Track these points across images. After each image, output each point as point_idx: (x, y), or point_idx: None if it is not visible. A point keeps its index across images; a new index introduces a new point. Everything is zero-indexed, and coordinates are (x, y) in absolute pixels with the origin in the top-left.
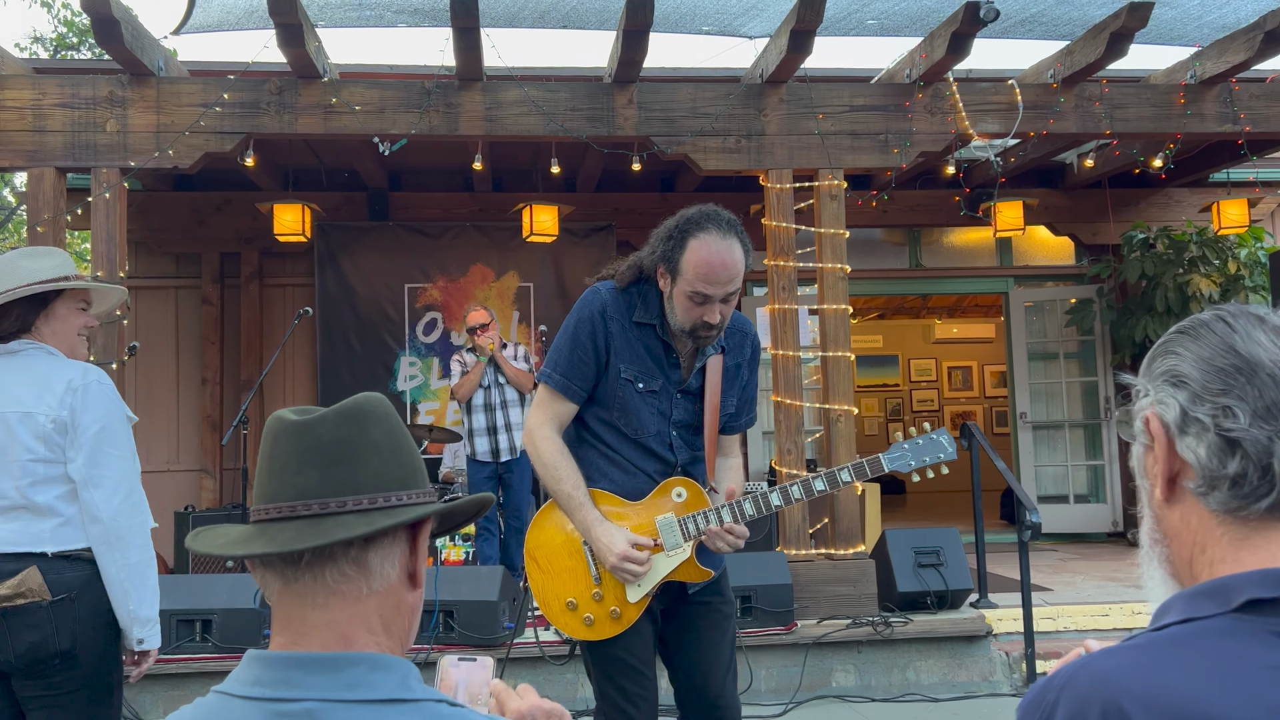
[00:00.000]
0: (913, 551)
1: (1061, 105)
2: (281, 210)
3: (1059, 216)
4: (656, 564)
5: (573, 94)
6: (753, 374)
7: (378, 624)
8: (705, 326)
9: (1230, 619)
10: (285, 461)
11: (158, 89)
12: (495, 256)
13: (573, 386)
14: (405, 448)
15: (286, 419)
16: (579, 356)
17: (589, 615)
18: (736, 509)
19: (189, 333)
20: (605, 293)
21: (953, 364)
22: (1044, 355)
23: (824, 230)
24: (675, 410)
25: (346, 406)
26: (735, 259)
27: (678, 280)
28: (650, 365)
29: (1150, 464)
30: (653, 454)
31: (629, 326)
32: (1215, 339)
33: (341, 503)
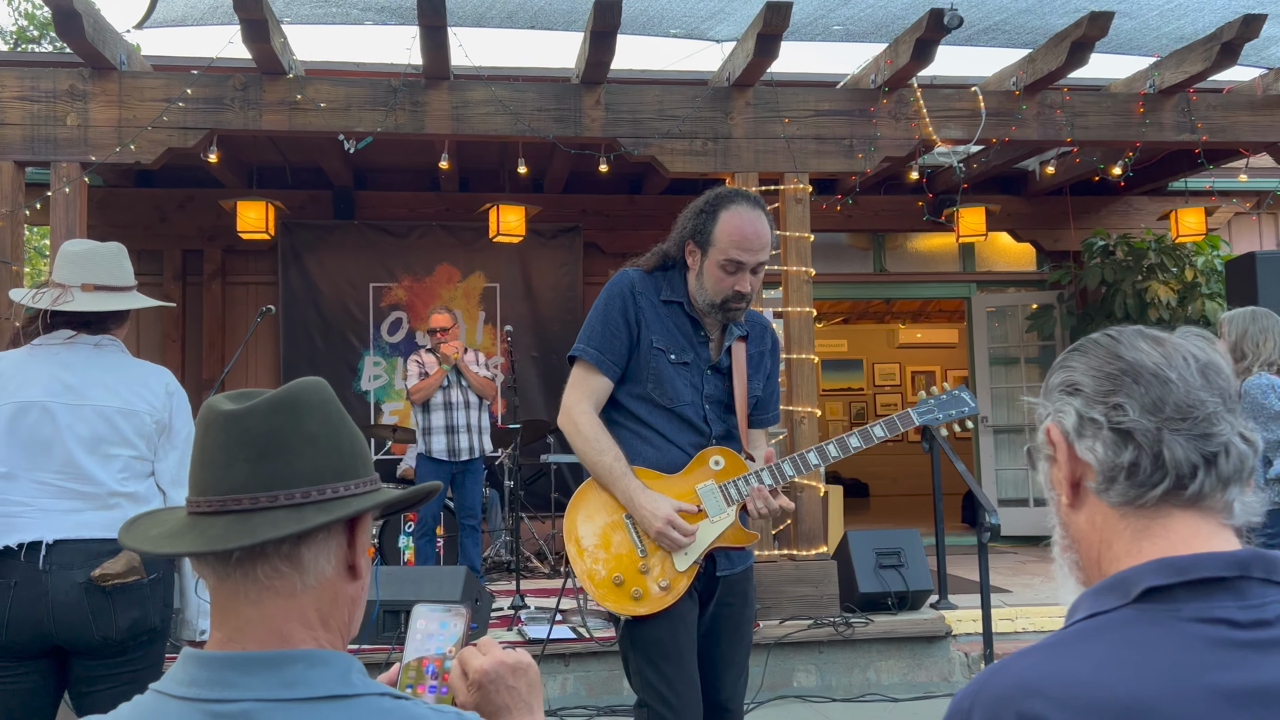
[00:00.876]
0: (874, 552)
1: (1023, 112)
2: (245, 208)
3: (1021, 223)
4: (701, 531)
5: (540, 94)
6: (775, 366)
7: (315, 618)
8: (737, 297)
9: (1131, 609)
10: (215, 454)
11: (120, 83)
12: (461, 256)
13: (606, 361)
14: (344, 436)
15: (217, 409)
16: (611, 331)
17: (637, 589)
18: (776, 471)
19: (150, 330)
20: (633, 273)
21: (916, 368)
22: (1005, 360)
23: (789, 233)
24: (707, 385)
25: (279, 396)
26: (765, 229)
27: (709, 251)
28: (680, 339)
29: (1055, 474)
30: (688, 424)
31: (657, 304)
32: (1103, 351)
33: (273, 497)
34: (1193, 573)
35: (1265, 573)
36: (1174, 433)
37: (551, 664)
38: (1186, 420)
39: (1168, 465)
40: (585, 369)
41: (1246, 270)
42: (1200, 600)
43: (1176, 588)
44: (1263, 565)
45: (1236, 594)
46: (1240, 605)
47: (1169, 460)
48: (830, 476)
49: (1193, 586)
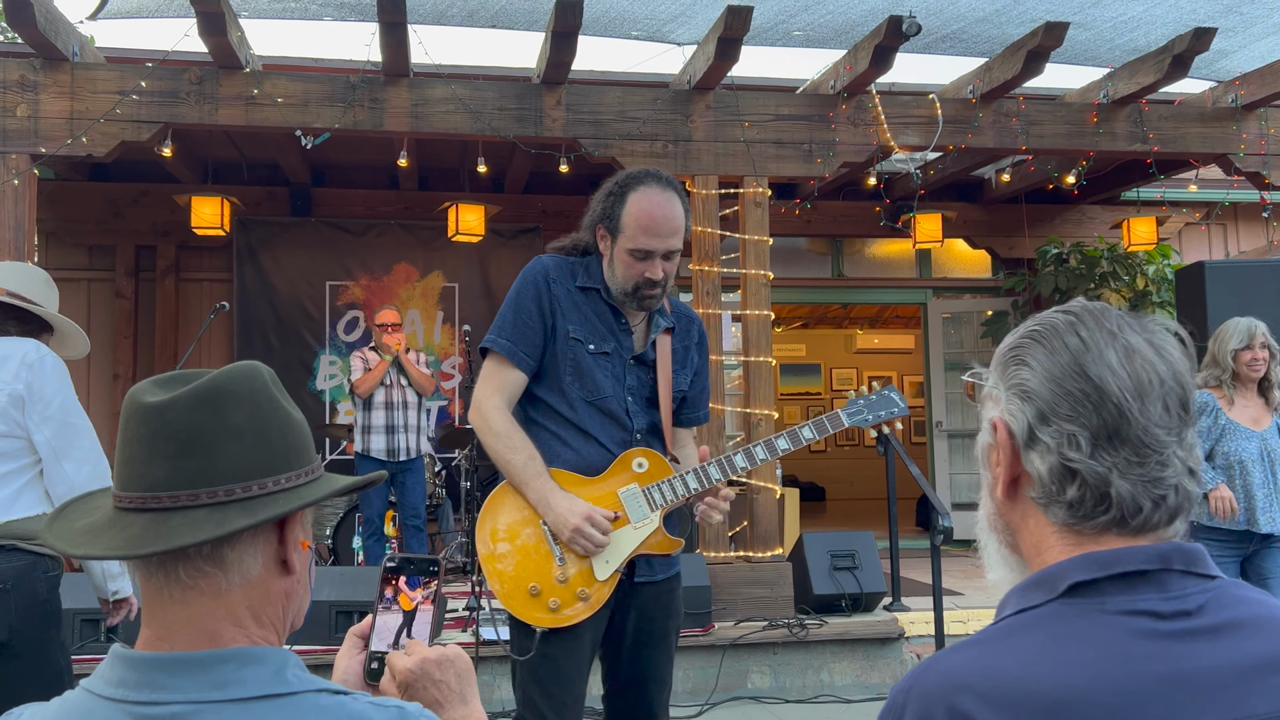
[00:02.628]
0: (829, 555)
1: (980, 120)
2: (200, 203)
3: (977, 230)
4: (622, 538)
5: (501, 93)
6: (703, 361)
7: (246, 615)
8: (648, 284)
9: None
10: (136, 449)
11: (72, 74)
12: (420, 256)
13: (519, 352)
14: (273, 428)
15: (138, 400)
16: (524, 321)
17: (554, 600)
18: (701, 475)
19: (102, 327)
20: (549, 261)
21: (874, 374)
22: (961, 366)
23: (748, 237)
24: (629, 377)
25: (202, 388)
26: (677, 213)
27: (618, 237)
28: (600, 328)
29: (993, 460)
30: (611, 418)
31: (574, 291)
32: (1067, 356)
33: (194, 495)
34: (1116, 566)
35: (1185, 565)
36: (1123, 475)
37: (505, 665)
38: (1140, 463)
39: (1113, 503)
40: (497, 361)
41: (1196, 279)
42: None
43: (1101, 582)
44: (1183, 558)
45: (1159, 586)
46: (1163, 597)
47: (1114, 499)
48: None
49: (1117, 580)
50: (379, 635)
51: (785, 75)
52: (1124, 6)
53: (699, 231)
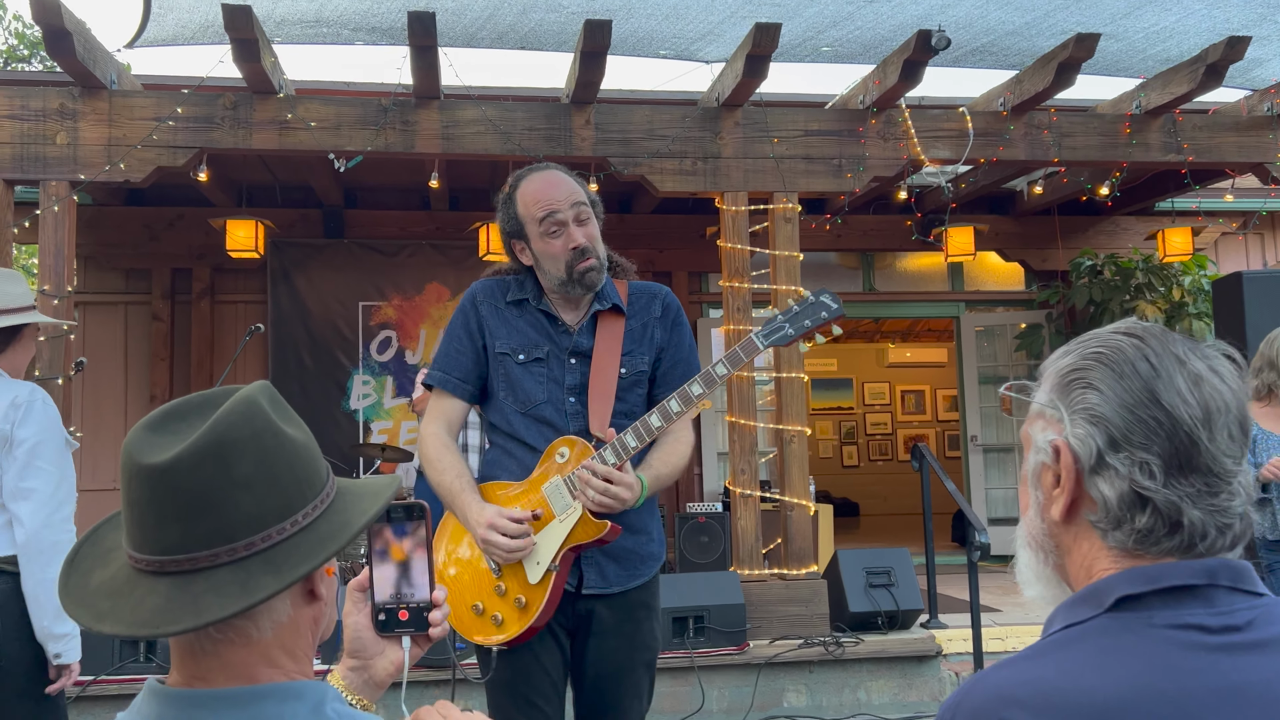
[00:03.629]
0: (864, 572)
1: (1011, 133)
2: (235, 226)
3: (1009, 243)
4: (549, 534)
5: (530, 114)
6: (673, 335)
7: (280, 654)
8: (578, 256)
9: (1105, 618)
10: (144, 511)
11: (110, 102)
12: (451, 275)
13: (450, 379)
14: (281, 467)
15: (137, 461)
16: (455, 349)
17: (497, 614)
18: (619, 447)
19: (138, 349)
20: (478, 284)
21: (906, 388)
22: (995, 379)
23: (778, 252)
24: (569, 375)
25: (204, 443)
26: (562, 177)
27: (527, 232)
28: (532, 336)
29: (1049, 482)
30: (549, 424)
31: (503, 307)
32: (1139, 383)
33: (212, 555)
34: (1163, 581)
35: (1232, 581)
36: (1195, 504)
37: None
38: (1211, 493)
39: (1184, 532)
40: (435, 394)
41: (1233, 290)
42: (1172, 608)
43: (1148, 596)
44: (1230, 574)
45: (1206, 601)
46: (1210, 612)
47: (1186, 527)
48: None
49: (1164, 595)
50: (379, 587)
51: (814, 91)
52: (1156, 16)
53: (729, 248)
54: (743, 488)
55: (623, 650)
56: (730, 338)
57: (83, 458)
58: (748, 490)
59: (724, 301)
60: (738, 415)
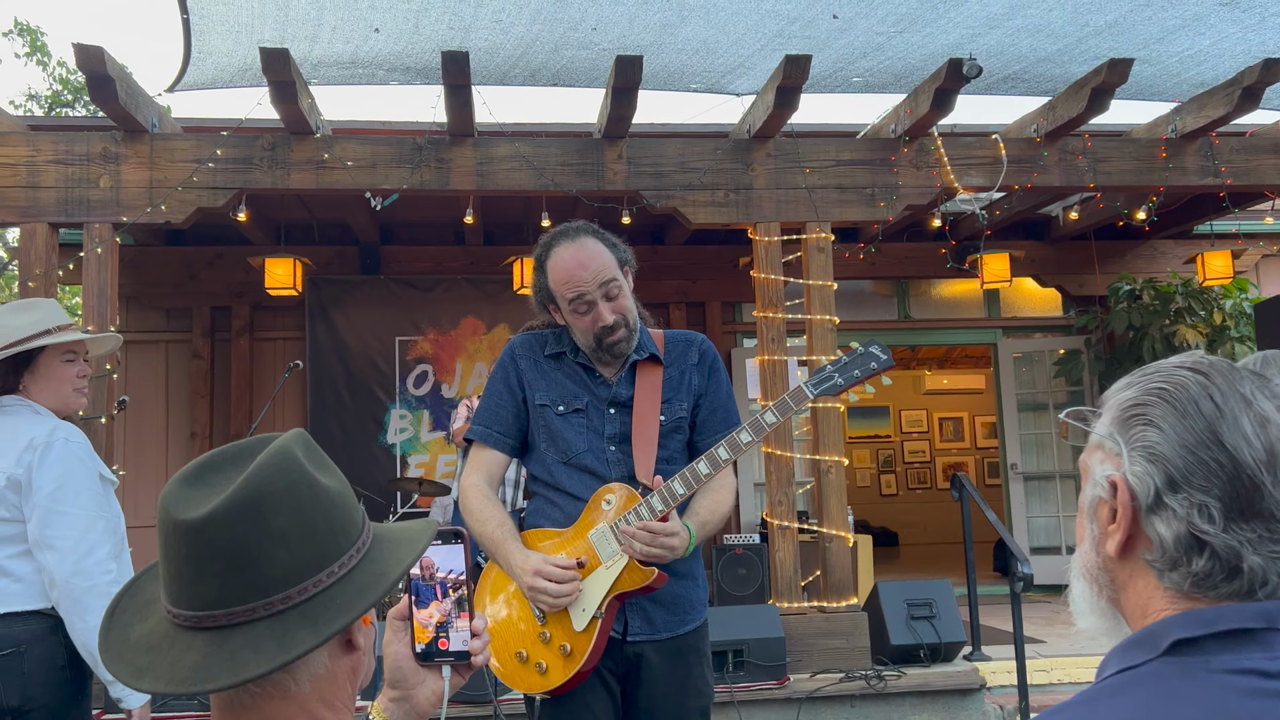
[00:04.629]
0: (905, 604)
1: (1045, 159)
2: (273, 264)
3: (1046, 268)
4: (596, 581)
5: (563, 149)
6: (713, 381)
7: (318, 706)
8: (606, 331)
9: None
10: (181, 566)
11: (151, 145)
12: (486, 309)
13: (492, 433)
14: (318, 518)
15: (174, 517)
16: (494, 402)
17: (540, 662)
18: (666, 494)
19: (179, 386)
20: (516, 339)
21: (944, 415)
22: (1033, 406)
23: (812, 282)
24: (609, 425)
25: (239, 498)
26: (591, 253)
27: (558, 303)
28: (571, 388)
29: (1105, 516)
30: (591, 474)
31: (541, 361)
32: (1201, 423)
33: (250, 610)
34: (1219, 624)
35: None
36: (1256, 550)
37: None
38: (1274, 539)
39: (1244, 577)
40: (476, 446)
41: (1276, 313)
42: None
43: (1204, 640)
44: None
45: (1264, 645)
46: (1268, 656)
47: (1245, 572)
48: (859, 525)
49: (1221, 638)
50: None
51: (845, 120)
52: (1190, 41)
53: (762, 278)
54: (780, 519)
55: (675, 697)
56: (765, 368)
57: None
58: (785, 521)
59: (758, 332)
60: (774, 446)
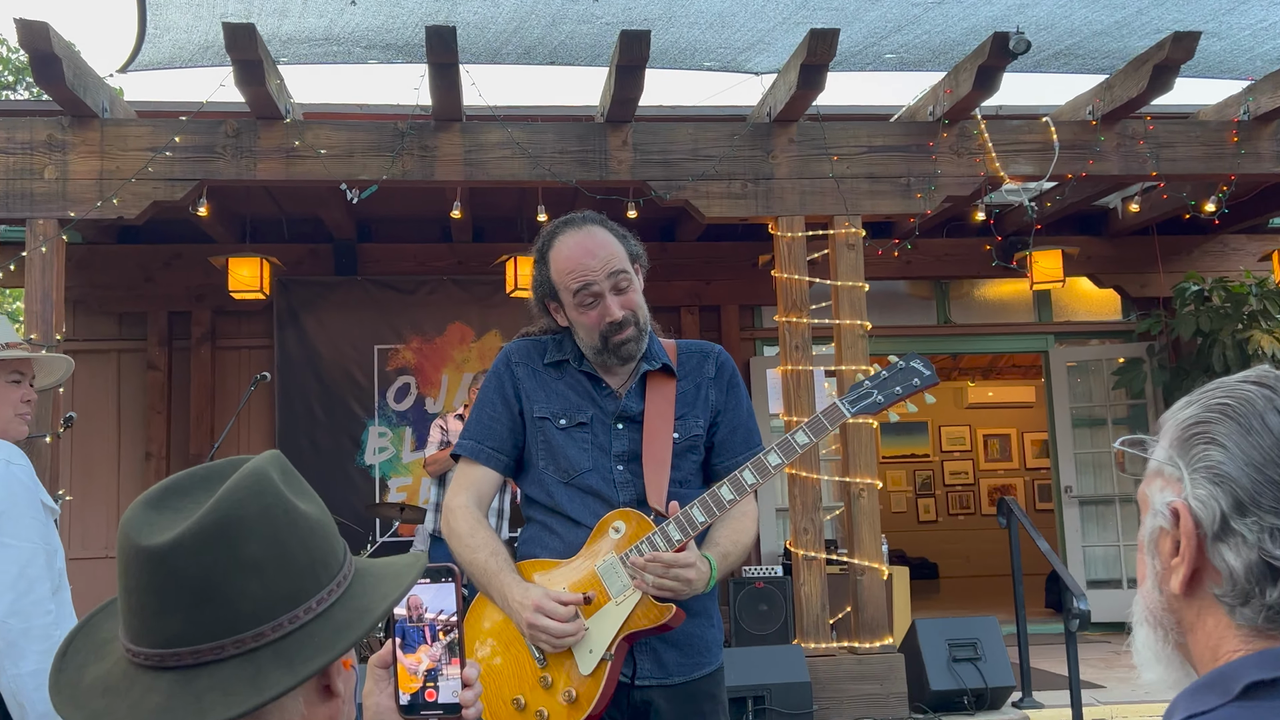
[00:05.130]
0: (947, 644)
1: (1102, 144)
2: (237, 264)
3: (1103, 267)
4: (605, 619)
5: (561, 135)
6: (730, 398)
7: None
8: (614, 328)
9: (1233, 708)
10: (143, 599)
11: (102, 132)
12: (475, 314)
13: (484, 448)
14: (295, 546)
15: (135, 543)
16: (486, 414)
17: (541, 709)
18: (684, 521)
19: (132, 401)
20: (512, 346)
21: (989, 431)
22: (1090, 421)
23: (840, 283)
24: (616, 442)
25: (209, 523)
26: (600, 241)
27: (562, 298)
28: (573, 399)
29: (1167, 549)
30: (596, 495)
31: (540, 370)
32: (1269, 440)
33: (218, 648)
34: None
35: None
36: None
37: None
38: None
39: None
40: (465, 463)
41: None
42: None
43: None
44: None
45: None
46: None
47: None
48: (894, 556)
49: None
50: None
51: (877, 102)
52: (1264, 11)
53: (785, 279)
54: (806, 549)
55: None
56: (787, 380)
57: (71, 524)
58: (812, 552)
59: (780, 339)
60: (799, 467)
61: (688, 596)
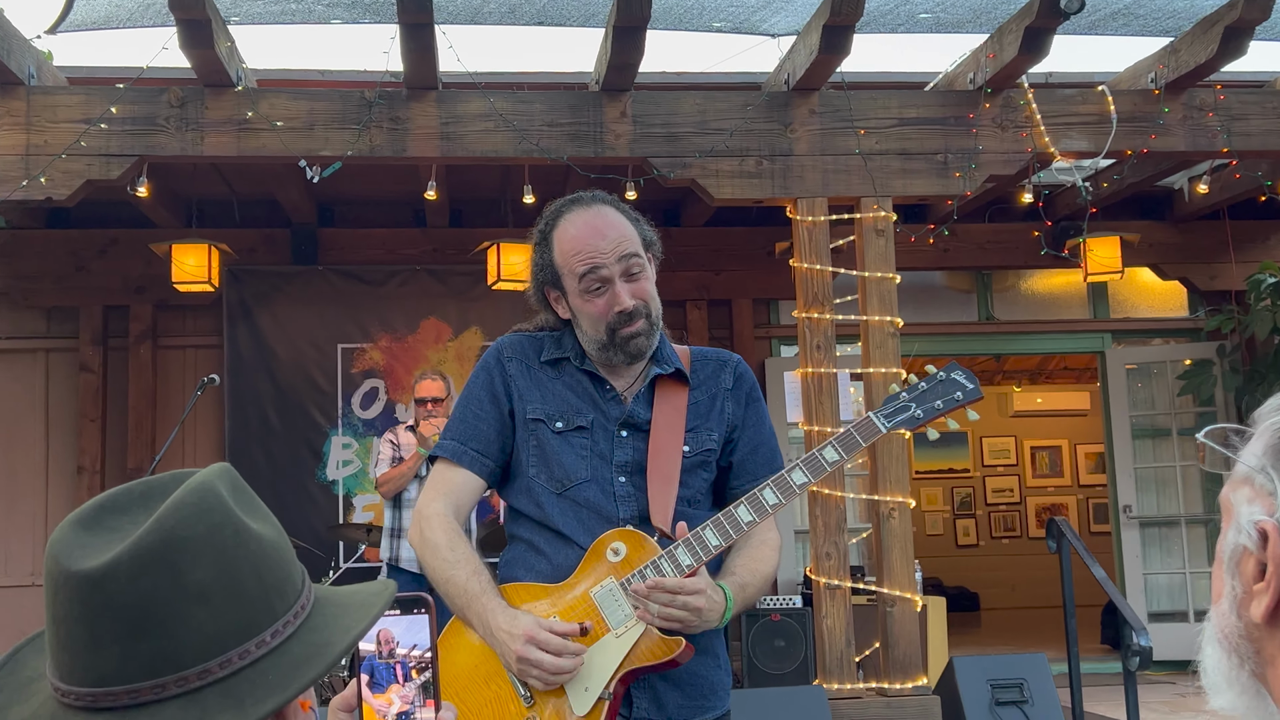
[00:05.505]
0: (989, 685)
1: (1165, 117)
2: (182, 252)
3: (1167, 256)
4: (602, 653)
5: (551, 105)
6: (750, 410)
7: None
8: (623, 319)
9: None
10: (73, 630)
11: (28, 101)
12: (453, 309)
13: (467, 450)
14: (245, 572)
15: (65, 568)
16: (471, 412)
17: None
18: (696, 545)
19: (62, 407)
20: (505, 339)
21: (1037, 443)
22: (1152, 432)
23: (869, 274)
24: (619, 451)
25: (148, 544)
26: (611, 221)
27: (565, 284)
28: (573, 401)
29: (1251, 572)
30: (593, 510)
31: (536, 367)
32: None
33: (158, 687)
34: None
35: None
36: None
37: None
38: None
39: None
40: (444, 466)
41: None
42: None
43: None
44: None
45: None
46: None
47: None
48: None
49: None
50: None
51: (910, 69)
52: None
53: (805, 269)
54: (828, 576)
55: None
56: (808, 383)
57: None
58: (835, 580)
59: (800, 337)
60: (821, 484)
61: (698, 630)
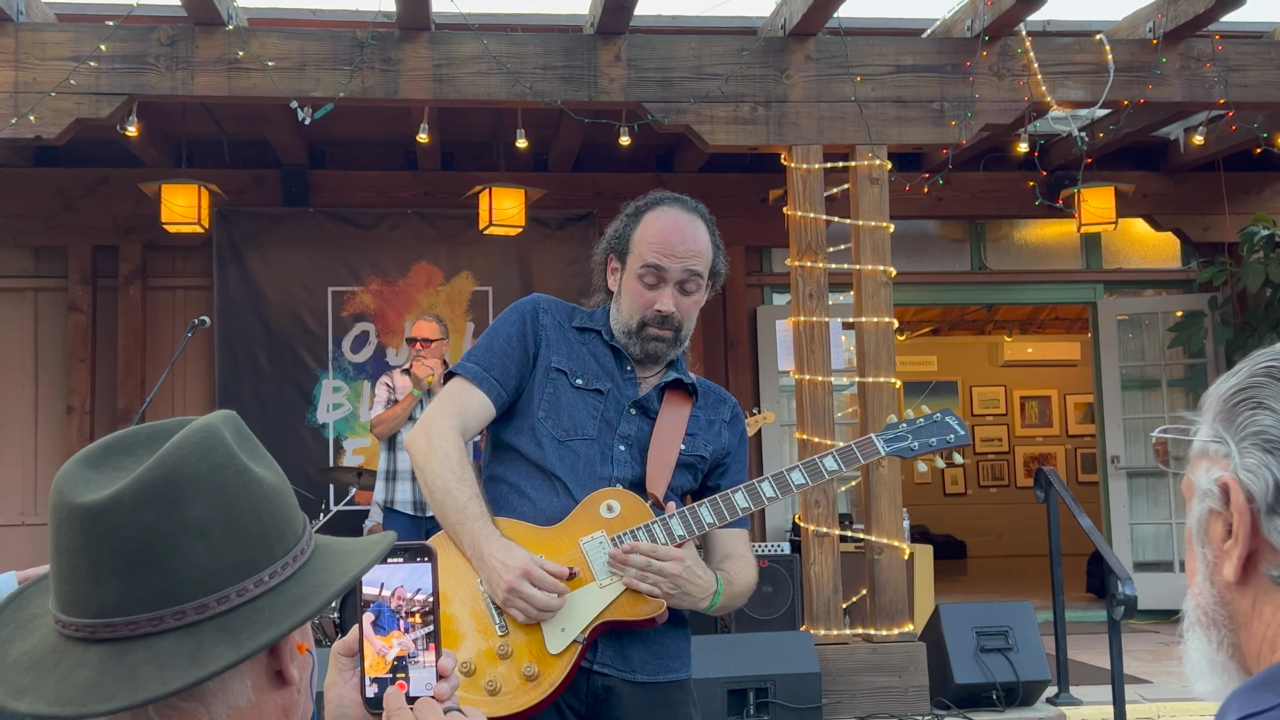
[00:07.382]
0: (974, 632)
1: (1163, 66)
2: (172, 192)
3: (1161, 207)
4: (583, 599)
5: (545, 48)
6: (741, 448)
7: None
8: (657, 319)
9: None
10: (75, 562)
11: (16, 38)
12: (444, 253)
13: (489, 377)
14: (245, 511)
15: (69, 501)
16: (500, 345)
17: (491, 679)
18: (690, 518)
19: (51, 347)
20: (542, 295)
21: (1026, 393)
22: (1142, 383)
23: (862, 223)
24: (625, 423)
25: (150, 479)
26: (698, 234)
27: (628, 260)
28: (595, 367)
29: (1219, 533)
30: (589, 466)
31: (568, 329)
32: None
33: (156, 619)
34: None
35: None
36: None
37: None
38: None
39: None
40: (459, 384)
41: None
42: None
43: None
44: None
45: None
46: None
47: None
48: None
49: None
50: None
51: (908, 15)
52: None
53: (798, 217)
54: (817, 524)
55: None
56: (800, 332)
57: None
58: (823, 527)
59: (792, 285)
60: (810, 431)
61: (682, 604)
